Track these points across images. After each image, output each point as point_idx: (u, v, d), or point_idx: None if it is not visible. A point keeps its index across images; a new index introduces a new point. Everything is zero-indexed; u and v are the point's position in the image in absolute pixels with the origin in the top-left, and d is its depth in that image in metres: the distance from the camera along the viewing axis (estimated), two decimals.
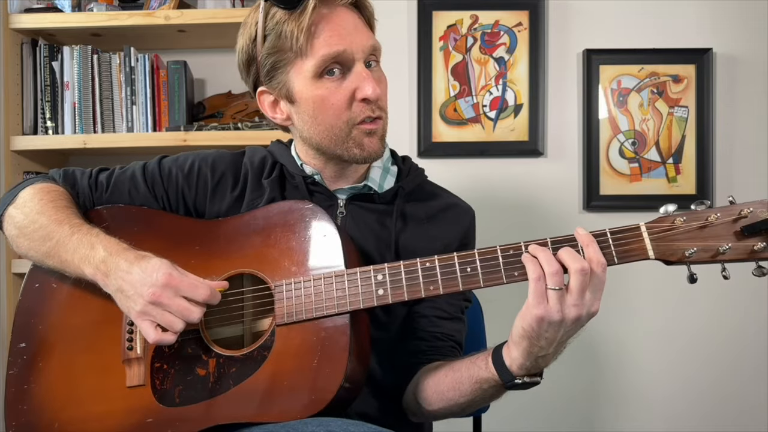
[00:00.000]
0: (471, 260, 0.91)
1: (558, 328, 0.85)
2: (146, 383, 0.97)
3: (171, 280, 0.92)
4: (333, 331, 0.93)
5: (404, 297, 0.92)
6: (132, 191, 1.13)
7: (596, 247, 0.86)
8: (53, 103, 1.87)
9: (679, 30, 1.77)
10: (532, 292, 0.85)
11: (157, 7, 1.84)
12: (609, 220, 1.77)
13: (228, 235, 1.04)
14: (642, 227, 0.89)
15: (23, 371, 1.02)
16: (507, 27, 1.78)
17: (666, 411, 1.78)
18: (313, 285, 0.95)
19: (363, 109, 1.02)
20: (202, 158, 1.15)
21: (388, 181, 1.14)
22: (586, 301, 0.85)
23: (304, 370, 0.91)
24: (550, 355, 0.89)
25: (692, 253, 0.86)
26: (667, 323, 1.77)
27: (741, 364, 1.77)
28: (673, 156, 1.77)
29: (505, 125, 1.77)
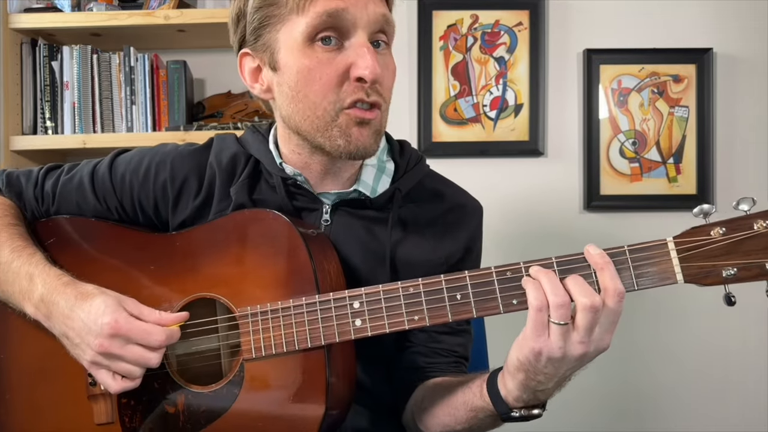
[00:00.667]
0: (461, 285, 0.77)
1: (559, 364, 0.73)
2: (115, 420, 0.90)
3: (118, 329, 0.81)
4: (308, 367, 0.83)
5: (385, 329, 0.80)
6: (81, 204, 0.99)
7: (612, 271, 0.71)
8: (53, 102, 1.87)
9: (680, 30, 1.76)
10: (532, 322, 0.72)
11: (156, 6, 1.84)
12: (609, 220, 1.77)
13: (186, 252, 0.92)
14: (669, 243, 0.72)
15: None
16: (507, 27, 1.77)
17: (666, 411, 1.78)
18: (282, 315, 0.83)
19: (355, 89, 0.84)
20: (159, 161, 0.98)
21: (383, 182, 0.97)
22: (594, 338, 0.72)
23: (279, 411, 0.84)
24: (551, 389, 0.77)
25: (731, 274, 0.70)
26: (665, 322, 1.77)
27: (741, 364, 1.77)
28: (673, 156, 1.76)
29: (506, 125, 1.77)
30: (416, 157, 1.03)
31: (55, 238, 0.98)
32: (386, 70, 0.88)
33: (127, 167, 0.99)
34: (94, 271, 0.93)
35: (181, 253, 0.92)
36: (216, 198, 0.96)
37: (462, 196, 1.05)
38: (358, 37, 0.84)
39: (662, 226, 1.77)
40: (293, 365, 0.84)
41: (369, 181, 0.96)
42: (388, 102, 0.90)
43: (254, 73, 0.93)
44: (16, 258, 0.90)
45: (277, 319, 0.84)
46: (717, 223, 0.72)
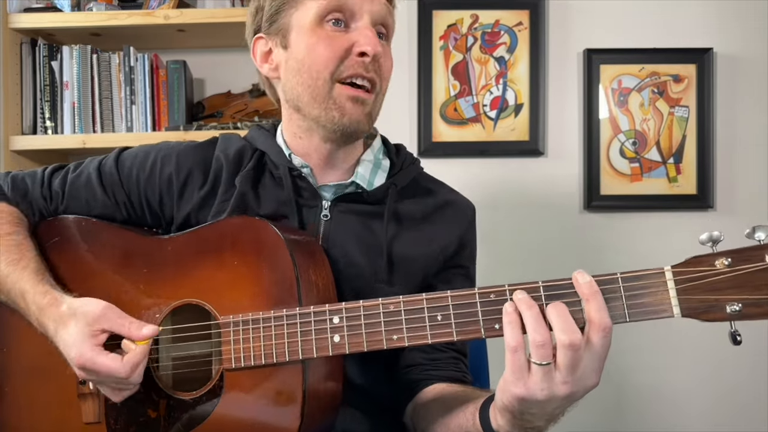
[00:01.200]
0: (443, 305, 0.75)
1: (545, 405, 0.69)
2: (102, 421, 0.92)
3: (83, 364, 0.84)
4: (286, 379, 0.83)
5: (363, 348, 0.78)
6: (90, 200, 1.02)
7: (600, 302, 0.66)
8: (52, 102, 1.87)
9: (680, 30, 1.76)
10: (509, 365, 0.68)
11: (156, 6, 1.84)
12: (609, 220, 1.77)
13: (178, 256, 0.93)
14: (667, 273, 0.66)
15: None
16: (507, 26, 1.77)
17: (666, 410, 1.78)
18: (262, 326, 0.83)
19: (356, 64, 0.92)
20: (164, 155, 1.02)
21: (379, 177, 1.02)
22: (577, 378, 0.67)
23: (255, 422, 0.84)
24: (543, 426, 0.75)
25: (736, 311, 0.63)
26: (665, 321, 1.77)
27: (741, 363, 1.76)
28: (673, 156, 1.76)
29: (506, 125, 1.77)
30: (411, 157, 1.08)
31: (58, 238, 1.00)
32: (386, 58, 0.96)
33: (134, 162, 1.02)
34: (90, 272, 0.96)
35: (174, 258, 0.94)
36: (221, 188, 0.99)
37: (454, 194, 1.09)
38: (363, 21, 0.93)
39: (662, 226, 1.77)
40: (271, 377, 0.84)
41: (366, 174, 1.01)
42: (384, 90, 0.98)
43: (265, 55, 1.00)
44: (12, 272, 0.93)
45: (258, 329, 0.84)
46: (723, 252, 0.64)
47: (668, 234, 1.76)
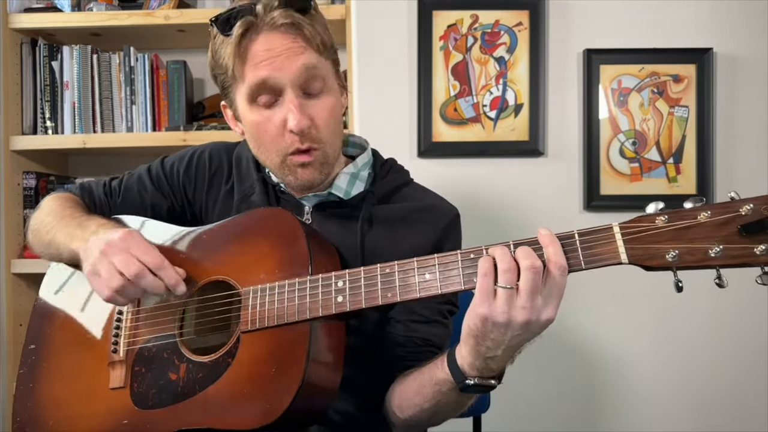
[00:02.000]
0: (430, 265, 0.86)
1: (504, 330, 0.79)
2: (126, 385, 1.01)
3: (123, 240, 0.96)
4: (292, 340, 0.92)
5: (362, 304, 0.89)
6: (141, 191, 1.19)
7: (557, 247, 0.78)
8: (53, 102, 1.87)
9: (680, 30, 1.76)
10: (478, 288, 0.79)
11: (156, 6, 1.84)
12: (609, 220, 1.76)
13: (210, 243, 1.05)
14: (615, 227, 0.78)
15: (30, 371, 1.09)
16: (507, 27, 1.77)
17: (666, 410, 1.78)
18: (277, 292, 0.94)
19: (293, 140, 1.00)
20: (201, 150, 1.20)
21: (357, 186, 1.10)
22: (536, 305, 0.77)
23: (261, 379, 0.91)
24: (500, 358, 0.83)
25: (674, 257, 0.74)
26: (664, 321, 1.77)
27: (741, 363, 1.77)
28: (673, 156, 1.77)
29: (506, 125, 1.77)
30: (397, 168, 1.17)
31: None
32: (321, 114, 1.01)
33: (175, 160, 1.21)
34: None
35: (205, 244, 1.06)
36: (236, 186, 1.15)
37: (437, 200, 1.15)
38: (287, 94, 0.99)
39: None
40: (281, 338, 0.93)
41: (342, 185, 1.09)
42: (330, 137, 1.03)
43: (233, 120, 1.11)
44: (73, 218, 1.09)
45: (273, 295, 0.94)
46: (662, 212, 0.76)
47: None
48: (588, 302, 1.75)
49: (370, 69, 1.74)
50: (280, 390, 0.88)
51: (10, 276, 1.87)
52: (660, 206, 0.77)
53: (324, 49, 1.01)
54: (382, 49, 1.75)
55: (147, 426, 0.96)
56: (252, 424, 0.88)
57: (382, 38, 1.75)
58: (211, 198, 1.16)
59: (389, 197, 1.12)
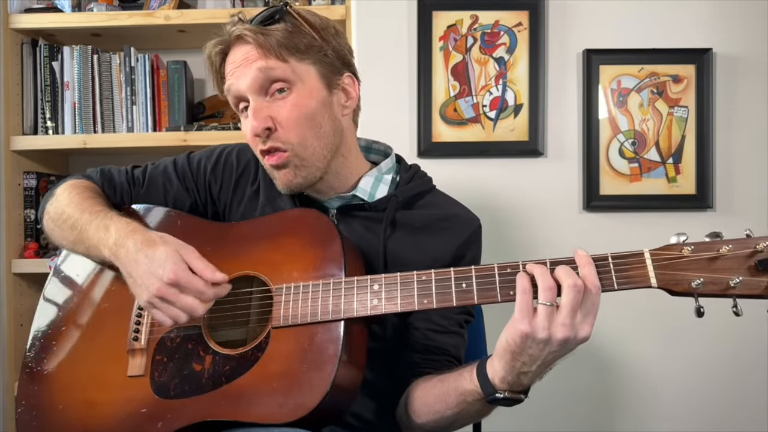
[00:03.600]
0: (467, 276, 0.89)
1: (543, 346, 0.81)
2: (146, 374, 1.00)
3: (178, 280, 0.93)
4: (325, 339, 0.93)
5: (398, 308, 0.92)
6: (166, 184, 1.18)
7: (593, 269, 0.83)
8: (53, 103, 1.87)
9: (679, 30, 1.77)
10: (518, 305, 0.82)
11: (157, 7, 1.84)
12: (609, 220, 1.77)
13: (239, 238, 1.07)
14: (646, 253, 0.85)
15: (38, 353, 1.08)
16: (507, 27, 1.78)
17: (666, 411, 1.78)
18: (311, 291, 0.95)
19: (256, 143, 1.04)
20: (229, 149, 1.20)
21: (381, 189, 1.12)
22: (576, 323, 0.81)
23: (291, 375, 0.91)
24: (533, 373, 0.86)
25: (699, 284, 0.81)
26: (670, 328, 1.77)
27: (741, 363, 1.77)
28: (673, 156, 1.77)
29: (505, 125, 1.77)
30: (421, 174, 1.18)
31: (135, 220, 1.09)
32: (283, 114, 1.02)
33: (202, 156, 1.20)
34: None
35: (235, 239, 1.07)
36: (263, 189, 1.14)
37: (459, 208, 1.16)
38: (250, 101, 1.03)
39: (662, 226, 1.77)
40: (313, 336, 0.94)
41: (366, 188, 1.11)
42: (300, 139, 1.03)
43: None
44: (95, 218, 1.05)
45: (307, 294, 0.96)
46: (687, 243, 0.83)
47: (667, 234, 1.75)
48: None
49: (370, 69, 1.74)
50: (311, 387, 0.89)
51: (11, 276, 1.87)
52: (683, 238, 0.83)
53: (289, 52, 1.02)
54: (382, 49, 1.75)
55: (167, 415, 0.95)
56: (280, 418, 0.89)
57: (382, 38, 1.75)
58: (236, 199, 1.16)
59: (412, 203, 1.13)
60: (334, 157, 1.07)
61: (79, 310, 1.09)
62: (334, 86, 1.08)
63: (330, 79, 1.07)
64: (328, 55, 1.06)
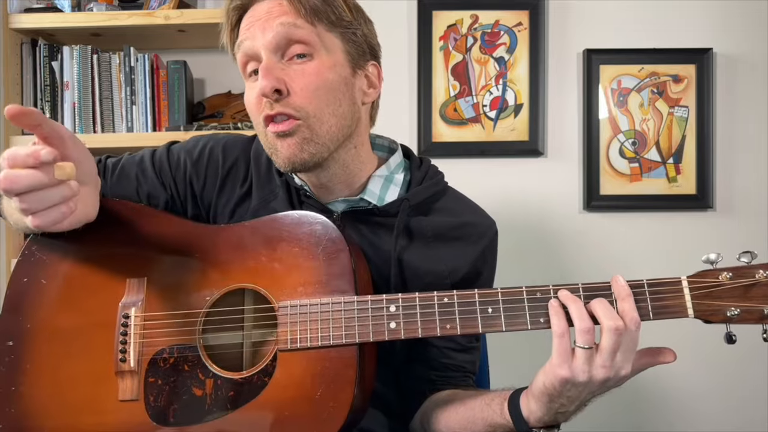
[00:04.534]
0: (493, 299, 0.83)
1: (583, 388, 0.78)
2: (140, 398, 0.91)
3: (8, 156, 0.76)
4: (339, 363, 0.86)
5: (418, 334, 0.85)
6: (140, 176, 1.05)
7: (632, 302, 0.78)
8: (53, 103, 1.87)
9: (679, 30, 1.77)
10: (556, 350, 0.77)
11: (156, 7, 1.84)
12: (609, 220, 1.77)
13: (231, 244, 0.95)
14: (683, 282, 0.80)
15: (10, 372, 0.95)
16: (507, 27, 1.78)
17: (666, 411, 1.78)
18: (320, 310, 0.87)
19: (263, 106, 0.91)
20: (215, 141, 1.06)
21: (391, 191, 1.02)
22: (616, 363, 0.77)
23: (306, 402, 0.86)
24: (571, 412, 0.83)
25: (734, 314, 0.78)
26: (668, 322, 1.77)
27: (741, 363, 1.77)
28: (673, 156, 1.77)
29: (505, 125, 1.77)
30: (433, 172, 1.07)
31: (114, 218, 0.99)
32: (300, 79, 0.91)
33: (182, 149, 1.07)
34: (142, 253, 0.96)
35: (226, 245, 0.95)
36: (255, 187, 1.03)
37: (475, 214, 1.07)
38: (262, 61, 0.91)
39: (662, 226, 1.77)
40: (325, 360, 0.87)
41: (375, 190, 1.01)
42: (315, 110, 0.92)
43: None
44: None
45: (315, 314, 0.87)
46: (725, 268, 0.79)
47: (668, 234, 1.77)
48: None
49: None
50: (328, 416, 0.84)
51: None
52: (718, 259, 0.80)
53: (318, 18, 0.92)
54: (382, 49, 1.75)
55: None
56: None
57: (382, 38, 1.74)
58: (222, 201, 1.04)
59: (425, 207, 1.03)
60: (345, 144, 0.96)
61: (52, 324, 0.96)
62: (359, 68, 0.98)
63: (356, 60, 0.98)
64: (357, 36, 0.97)
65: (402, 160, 1.07)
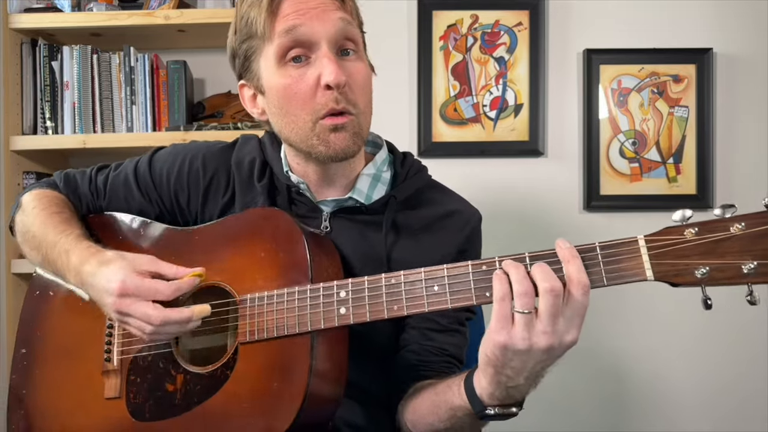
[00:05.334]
0: (439, 277, 0.80)
1: (526, 357, 0.73)
2: (122, 396, 0.97)
3: (125, 289, 0.87)
4: (294, 353, 0.87)
5: (366, 317, 0.84)
6: (128, 197, 1.10)
7: (579, 263, 0.72)
8: (53, 102, 1.87)
9: (680, 30, 1.77)
10: (494, 315, 0.74)
11: (156, 6, 1.84)
12: (609, 220, 1.77)
13: (204, 244, 1.00)
14: (640, 240, 0.72)
15: (22, 377, 1.04)
16: (507, 27, 1.77)
17: (666, 411, 1.78)
18: (276, 301, 0.89)
19: (327, 98, 0.92)
20: (192, 156, 1.08)
21: (378, 190, 1.03)
22: (558, 329, 0.72)
23: (263, 394, 0.87)
24: (523, 386, 0.78)
25: (704, 273, 0.68)
26: (667, 325, 1.77)
27: (741, 363, 1.77)
28: (673, 156, 1.77)
29: (506, 125, 1.77)
30: (417, 167, 1.09)
31: (102, 232, 1.09)
32: (356, 75, 0.94)
33: (164, 163, 1.09)
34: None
35: (198, 246, 1.00)
36: (239, 194, 1.05)
37: (459, 203, 1.08)
38: (321, 49, 0.92)
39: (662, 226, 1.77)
40: (281, 350, 0.88)
41: (364, 189, 1.02)
42: (364, 106, 0.96)
43: (252, 100, 1.04)
44: (59, 241, 0.99)
45: (272, 305, 0.89)
46: (691, 224, 0.70)
47: None
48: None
49: None
50: (282, 407, 0.85)
51: (10, 276, 1.86)
52: (688, 214, 0.71)
53: (356, 17, 0.97)
54: (382, 49, 1.75)
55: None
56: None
57: (382, 38, 1.75)
58: (207, 212, 1.07)
59: (411, 201, 1.05)
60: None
61: (56, 332, 1.05)
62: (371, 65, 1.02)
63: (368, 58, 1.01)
64: (363, 36, 1.01)
65: (387, 155, 1.08)
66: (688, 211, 0.71)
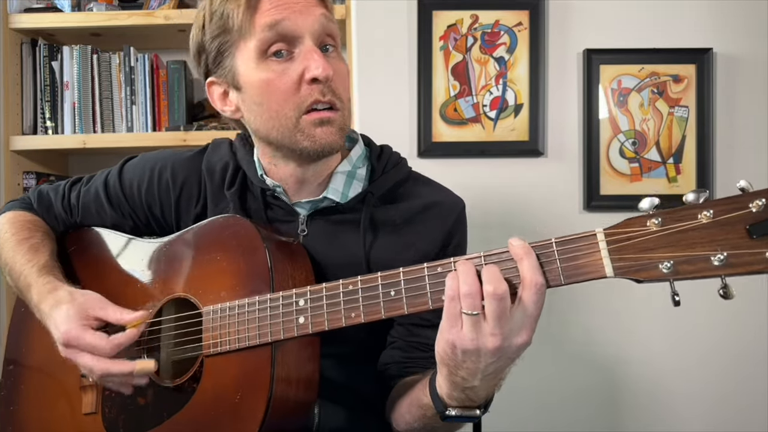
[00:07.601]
0: (395, 281, 0.77)
1: (476, 358, 0.71)
2: (98, 411, 0.97)
3: (68, 341, 0.90)
4: (256, 364, 0.86)
5: (324, 326, 0.81)
6: (100, 212, 1.10)
7: (532, 261, 0.69)
8: (53, 102, 1.87)
9: (680, 30, 1.76)
10: (444, 313, 0.72)
11: (156, 6, 1.84)
12: (609, 220, 1.76)
13: (170, 256, 0.99)
14: (598, 234, 0.67)
15: (10, 393, 1.05)
16: (507, 27, 1.77)
17: (666, 411, 1.78)
18: (237, 312, 0.87)
19: (312, 91, 0.90)
20: (161, 167, 1.07)
21: (354, 187, 1.00)
22: (507, 331, 0.69)
23: (228, 406, 0.86)
24: (480, 387, 0.75)
25: (669, 267, 0.62)
26: (667, 323, 1.77)
27: (741, 363, 1.77)
28: (673, 156, 1.77)
29: (505, 125, 1.77)
30: (395, 160, 1.06)
31: (75, 246, 1.10)
32: (338, 71, 0.93)
33: (134, 175, 1.08)
34: (97, 275, 1.04)
35: (166, 257, 0.99)
36: (210, 204, 1.03)
37: (440, 193, 1.06)
38: (305, 44, 0.91)
39: None
40: (243, 362, 0.87)
41: (339, 187, 0.99)
42: (347, 102, 0.95)
43: (222, 97, 1.01)
44: (24, 269, 1.01)
45: (233, 316, 0.88)
46: (655, 213, 0.65)
47: None
48: (584, 297, 1.75)
49: (370, 69, 1.74)
50: (246, 419, 0.84)
51: None
52: (655, 203, 0.66)
53: (331, 11, 0.96)
54: (382, 49, 1.75)
55: None
56: None
57: (382, 38, 1.75)
58: (181, 222, 1.06)
59: (390, 196, 1.02)
60: None
61: (39, 347, 1.04)
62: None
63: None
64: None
65: (363, 150, 1.05)
66: (656, 199, 0.66)
